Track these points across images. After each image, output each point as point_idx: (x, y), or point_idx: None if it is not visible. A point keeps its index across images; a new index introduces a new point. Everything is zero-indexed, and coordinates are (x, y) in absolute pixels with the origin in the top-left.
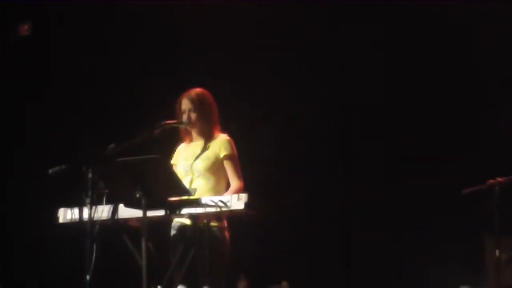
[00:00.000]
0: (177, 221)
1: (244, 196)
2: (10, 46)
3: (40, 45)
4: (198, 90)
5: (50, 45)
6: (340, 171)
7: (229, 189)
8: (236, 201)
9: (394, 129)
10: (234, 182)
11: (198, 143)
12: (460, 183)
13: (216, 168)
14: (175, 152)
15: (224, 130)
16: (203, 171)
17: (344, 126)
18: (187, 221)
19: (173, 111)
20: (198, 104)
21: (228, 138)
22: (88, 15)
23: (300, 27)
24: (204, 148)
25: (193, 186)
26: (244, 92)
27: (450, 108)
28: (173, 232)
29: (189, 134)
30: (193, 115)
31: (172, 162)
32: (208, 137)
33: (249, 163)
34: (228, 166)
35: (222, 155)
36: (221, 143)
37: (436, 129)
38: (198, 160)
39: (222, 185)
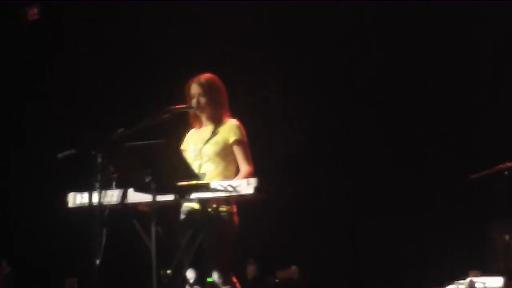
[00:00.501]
0: (186, 205)
1: (253, 181)
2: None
3: (44, 34)
4: (207, 75)
5: (55, 34)
6: (347, 160)
7: (239, 173)
8: (246, 186)
9: (400, 119)
10: (244, 167)
11: (207, 128)
12: (466, 170)
13: (225, 153)
14: (185, 138)
15: (233, 115)
16: (212, 156)
17: (351, 113)
18: (196, 206)
19: (181, 97)
20: (208, 89)
21: (238, 123)
22: (91, 4)
23: (306, 25)
24: (214, 133)
25: (202, 171)
26: (254, 87)
27: (456, 97)
28: (182, 216)
29: (198, 119)
30: (203, 100)
31: (182, 147)
32: (217, 122)
33: (256, 155)
34: (237, 151)
35: (231, 140)
36: (230, 128)
37: (441, 118)
38: (207, 145)
39: (231, 170)
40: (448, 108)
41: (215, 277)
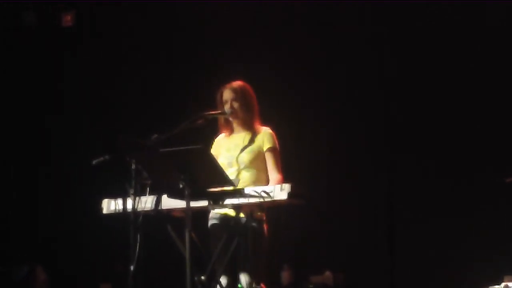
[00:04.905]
0: (218, 211)
1: (287, 187)
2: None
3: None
4: (239, 82)
5: (81, 39)
6: (384, 163)
7: (270, 181)
8: (279, 192)
9: (439, 122)
10: (274, 175)
11: (241, 135)
12: (502, 174)
13: (260, 161)
14: (214, 143)
15: (266, 123)
16: (248, 164)
17: (389, 117)
18: (229, 212)
19: (213, 103)
20: (240, 94)
21: (271, 131)
22: (122, 10)
23: (343, 29)
24: (250, 141)
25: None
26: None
27: (496, 102)
28: (213, 221)
29: (229, 125)
30: (236, 105)
31: (212, 153)
32: (250, 129)
33: (288, 159)
34: (269, 159)
35: (265, 148)
36: (264, 135)
37: (480, 120)
38: (243, 153)
39: (264, 178)
40: (487, 113)
41: (243, 280)
